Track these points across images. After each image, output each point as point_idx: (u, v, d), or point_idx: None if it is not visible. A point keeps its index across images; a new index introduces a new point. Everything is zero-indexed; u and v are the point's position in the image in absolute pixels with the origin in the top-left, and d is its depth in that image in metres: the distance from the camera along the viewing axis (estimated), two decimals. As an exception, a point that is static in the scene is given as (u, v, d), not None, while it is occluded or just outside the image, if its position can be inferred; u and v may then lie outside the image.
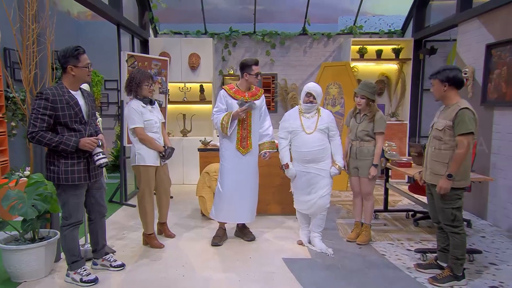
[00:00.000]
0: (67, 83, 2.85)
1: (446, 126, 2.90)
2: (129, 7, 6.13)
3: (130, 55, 5.26)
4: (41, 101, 2.70)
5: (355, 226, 3.98)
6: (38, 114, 2.69)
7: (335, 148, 3.62)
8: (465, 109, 2.83)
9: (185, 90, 6.75)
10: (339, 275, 3.15)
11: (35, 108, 2.70)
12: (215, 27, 7.02)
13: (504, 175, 4.29)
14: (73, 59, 2.80)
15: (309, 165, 3.53)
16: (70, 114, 2.78)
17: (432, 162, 3.01)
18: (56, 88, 2.80)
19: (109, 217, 4.66)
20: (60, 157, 2.80)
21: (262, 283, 3.02)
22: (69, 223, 2.91)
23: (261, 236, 4.01)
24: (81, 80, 2.91)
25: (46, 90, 2.76)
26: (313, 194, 3.55)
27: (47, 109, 2.70)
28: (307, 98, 3.56)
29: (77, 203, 2.91)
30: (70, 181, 2.82)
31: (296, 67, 7.13)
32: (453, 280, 2.95)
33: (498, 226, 4.39)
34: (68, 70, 2.81)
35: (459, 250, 2.94)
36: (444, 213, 2.96)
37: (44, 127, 2.71)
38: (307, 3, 6.71)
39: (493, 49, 4.50)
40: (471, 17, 4.93)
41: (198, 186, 4.56)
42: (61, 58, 2.81)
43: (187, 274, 3.17)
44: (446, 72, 2.91)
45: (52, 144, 2.72)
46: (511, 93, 4.17)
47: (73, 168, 2.82)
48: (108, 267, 3.22)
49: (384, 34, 7.06)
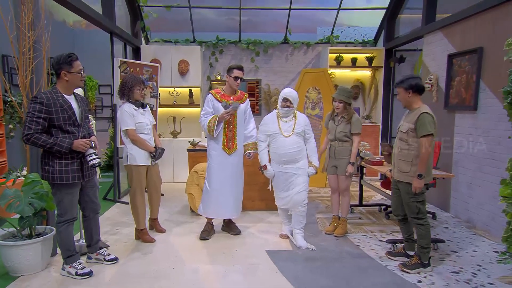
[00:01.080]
0: (61, 87, 2.82)
1: (409, 129, 3.00)
2: (122, 16, 6.06)
3: (122, 62, 5.21)
4: (36, 104, 2.67)
5: (333, 219, 4.04)
6: (33, 117, 2.66)
7: (311, 150, 3.64)
8: (425, 113, 2.94)
9: (175, 94, 6.71)
10: (318, 265, 3.19)
11: (30, 111, 2.67)
12: (203, 35, 7.01)
13: (464, 171, 4.42)
14: (67, 65, 2.77)
15: (286, 166, 3.54)
16: (64, 117, 2.75)
17: (399, 161, 3.10)
18: (50, 92, 2.76)
19: (103, 214, 4.61)
20: (54, 157, 2.77)
21: (247, 274, 3.04)
22: (64, 220, 2.88)
23: (246, 230, 4.03)
24: (74, 85, 2.87)
25: (41, 94, 2.72)
26: (290, 191, 3.56)
27: (42, 112, 2.67)
28: (284, 103, 3.55)
29: (71, 201, 2.88)
30: (65, 180, 2.80)
31: (279, 73, 7.17)
32: (420, 267, 3.05)
33: (459, 217, 4.52)
34: (61, 76, 2.79)
35: (425, 239, 3.03)
36: (409, 207, 3.06)
37: (39, 130, 2.68)
38: (288, 15, 6.77)
39: (454, 59, 4.63)
40: (435, 30, 5.06)
41: (187, 184, 4.55)
42: (55, 65, 2.78)
43: (177, 266, 3.16)
44: (409, 80, 3.02)
45: (46, 145, 2.69)
46: (470, 98, 4.30)
47: (67, 168, 2.80)
48: (102, 260, 3.19)
49: (359, 44, 7.18)
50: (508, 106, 3.27)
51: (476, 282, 2.90)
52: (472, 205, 4.29)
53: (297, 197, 3.55)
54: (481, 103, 4.14)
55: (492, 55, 3.96)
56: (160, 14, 6.61)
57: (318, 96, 6.16)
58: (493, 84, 3.94)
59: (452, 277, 2.98)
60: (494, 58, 3.91)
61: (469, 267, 3.17)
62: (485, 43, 4.08)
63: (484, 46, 4.09)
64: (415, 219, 3.06)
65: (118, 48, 5.84)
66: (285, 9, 6.69)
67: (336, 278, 2.95)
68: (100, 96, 7.86)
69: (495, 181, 3.71)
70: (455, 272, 3.08)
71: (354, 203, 4.98)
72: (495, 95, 3.90)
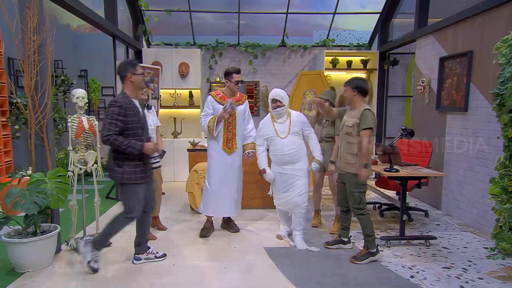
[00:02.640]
0: (129, 91, 2.93)
1: (354, 124, 3.13)
2: (124, 20, 6.07)
3: (125, 64, 5.20)
4: (115, 108, 2.77)
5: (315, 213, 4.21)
6: (113, 120, 2.76)
7: (313, 145, 3.56)
8: (368, 110, 3.09)
9: (175, 95, 6.72)
10: (314, 262, 3.21)
11: (110, 114, 2.77)
12: (203, 39, 7.02)
13: (455, 170, 4.45)
14: (131, 68, 2.91)
15: (286, 167, 3.44)
16: (135, 121, 2.87)
17: (345, 154, 3.21)
18: (124, 96, 2.87)
19: (106, 212, 4.61)
20: (124, 159, 2.86)
21: (245, 271, 3.05)
22: (131, 217, 2.94)
23: (245, 228, 4.04)
24: (138, 86, 3.00)
25: (119, 98, 2.83)
26: (290, 192, 3.46)
27: (120, 115, 2.78)
28: (274, 103, 3.47)
29: (138, 198, 2.94)
30: (132, 180, 2.87)
31: (276, 75, 7.18)
32: (370, 256, 3.16)
33: (451, 215, 4.54)
34: (128, 77, 2.90)
35: (368, 228, 3.16)
36: (353, 196, 3.18)
37: (117, 131, 2.78)
38: (285, 19, 6.78)
39: (445, 61, 4.65)
40: (427, 34, 5.09)
41: (187, 183, 4.56)
42: (121, 68, 2.91)
43: (178, 263, 3.17)
44: (356, 81, 3.21)
45: (122, 146, 2.77)
46: (460, 100, 4.33)
47: (135, 169, 2.88)
48: (153, 259, 3.19)
49: (354, 47, 7.19)
50: (497, 108, 3.30)
51: (467, 277, 2.92)
52: (463, 203, 4.31)
53: (297, 199, 3.45)
54: (471, 104, 4.16)
55: (482, 58, 3.98)
56: (161, 18, 6.62)
57: (314, 98, 6.18)
58: (482, 86, 3.96)
59: (444, 273, 3.00)
60: (484, 61, 3.93)
61: (460, 262, 3.19)
62: (475, 47, 4.10)
63: (474, 50, 4.11)
64: (356, 209, 3.18)
65: (120, 51, 5.84)
66: (282, 13, 6.70)
67: (332, 274, 2.96)
68: (103, 98, 7.84)
69: (485, 179, 3.73)
70: (447, 267, 3.10)
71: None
72: (484, 96, 3.92)
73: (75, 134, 3.37)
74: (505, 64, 3.15)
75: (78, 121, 3.40)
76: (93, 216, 3.74)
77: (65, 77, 6.34)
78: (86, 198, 3.76)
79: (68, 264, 3.12)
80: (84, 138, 3.44)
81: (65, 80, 6.30)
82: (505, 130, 3.19)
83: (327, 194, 5.57)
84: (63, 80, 6.27)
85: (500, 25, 3.71)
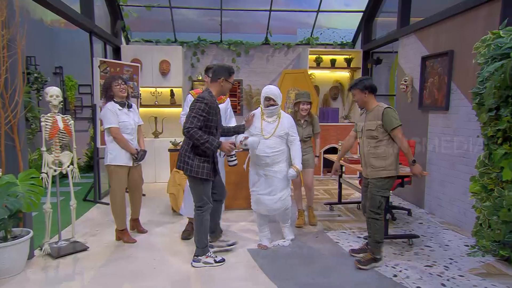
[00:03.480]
0: (214, 92, 3.08)
1: (378, 125, 3.05)
2: (101, 16, 5.93)
3: (102, 61, 5.10)
4: (202, 104, 2.91)
5: (299, 213, 4.24)
6: (197, 114, 2.90)
7: (295, 152, 3.42)
8: (388, 108, 3.06)
9: (156, 94, 6.63)
10: (297, 262, 3.22)
11: (196, 108, 2.91)
12: (185, 36, 6.95)
13: (437, 169, 4.55)
14: (227, 75, 3.08)
15: (266, 169, 3.34)
16: (214, 120, 3.02)
17: (370, 160, 3.11)
18: (210, 96, 3.01)
19: (84, 215, 4.51)
20: (195, 154, 3.00)
21: (228, 272, 3.03)
22: (206, 208, 3.07)
23: (228, 229, 4.02)
24: (224, 92, 3.22)
25: (207, 96, 2.96)
26: (273, 196, 3.36)
27: (204, 111, 2.92)
28: (267, 102, 3.34)
29: (207, 192, 3.09)
30: (200, 175, 3.00)
31: (260, 73, 7.18)
32: (373, 262, 3.13)
33: (433, 213, 4.65)
34: (220, 81, 3.06)
35: (379, 234, 3.12)
36: (374, 200, 3.10)
37: (199, 125, 2.91)
38: (268, 16, 6.79)
39: (427, 61, 4.75)
40: (409, 33, 5.19)
41: (168, 184, 4.50)
42: (218, 71, 3.07)
43: (158, 266, 3.12)
44: (363, 82, 3.12)
45: (200, 140, 2.90)
46: (442, 99, 4.43)
47: (204, 165, 3.01)
48: (224, 247, 3.38)
49: (337, 45, 7.27)
50: (476, 107, 3.39)
51: (448, 274, 2.99)
52: (444, 201, 4.42)
53: (279, 204, 3.39)
54: (452, 103, 4.27)
55: (462, 58, 4.09)
56: (141, 14, 6.51)
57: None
58: (463, 85, 4.07)
59: (426, 271, 3.06)
60: (464, 60, 4.04)
61: (442, 260, 3.27)
62: (456, 46, 4.21)
63: (455, 49, 4.22)
64: (373, 213, 3.11)
65: (97, 48, 5.71)
66: (265, 11, 6.71)
67: (315, 275, 2.98)
68: (79, 96, 7.66)
69: (466, 178, 3.83)
70: (429, 265, 3.17)
71: (334, 201, 5.05)
72: (465, 96, 4.03)
73: (49, 134, 3.28)
74: (484, 64, 3.24)
75: (52, 120, 3.31)
76: (69, 220, 3.64)
77: (38, 74, 6.15)
78: (61, 201, 3.66)
79: (42, 270, 3.03)
80: (59, 138, 3.35)
81: (39, 78, 6.12)
82: (485, 129, 3.28)
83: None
84: (37, 77, 6.08)
85: (479, 25, 3.82)
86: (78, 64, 7.00)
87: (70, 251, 3.34)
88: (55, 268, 3.07)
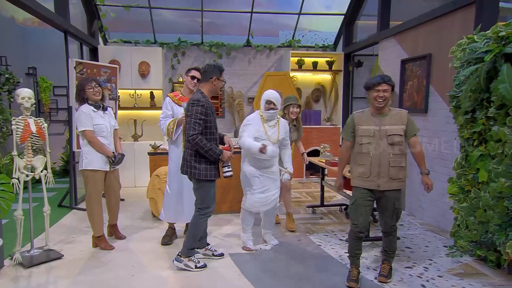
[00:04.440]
0: (206, 91, 3.07)
1: (403, 130, 2.84)
2: (77, 15, 5.80)
3: (78, 62, 4.99)
4: (198, 107, 2.91)
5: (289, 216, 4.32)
6: (197, 119, 2.91)
7: (287, 157, 3.66)
8: (408, 113, 2.97)
9: (135, 96, 6.53)
10: (280, 266, 3.23)
11: (194, 113, 2.91)
12: (165, 37, 6.88)
13: (418, 171, 4.62)
14: (219, 73, 3.08)
15: (263, 170, 3.46)
16: (212, 120, 3.05)
17: (391, 169, 2.80)
18: (203, 96, 3.00)
19: (59, 221, 4.38)
20: (202, 157, 3.01)
21: (209, 278, 3.01)
22: (208, 212, 3.10)
23: (210, 234, 3.98)
24: (215, 92, 3.20)
25: (200, 97, 2.95)
26: (268, 193, 3.50)
27: (203, 114, 2.93)
28: (268, 105, 3.42)
29: (213, 194, 3.12)
30: (208, 177, 3.03)
31: (242, 76, 7.19)
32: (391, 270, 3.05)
33: (414, 215, 4.76)
34: (212, 80, 3.06)
35: (396, 243, 3.03)
36: (397, 214, 2.91)
37: (201, 130, 2.94)
38: (250, 18, 6.81)
39: (406, 64, 4.88)
40: (389, 36, 5.31)
41: (148, 188, 4.43)
42: (209, 70, 3.06)
43: (137, 273, 3.07)
44: (391, 80, 2.88)
45: (205, 148, 2.94)
46: (421, 101, 4.55)
47: (210, 166, 3.05)
48: (210, 256, 3.35)
49: (319, 48, 7.36)
50: (454, 109, 3.50)
51: (428, 275, 3.07)
52: (425, 202, 4.53)
53: (273, 203, 3.54)
54: (431, 106, 4.39)
55: (440, 61, 4.21)
56: (119, 14, 6.40)
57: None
58: (440, 88, 4.19)
59: (406, 272, 3.13)
60: (441, 64, 4.17)
61: (422, 262, 3.34)
62: (433, 50, 4.34)
63: (433, 53, 4.35)
64: (395, 226, 2.93)
65: (73, 48, 5.58)
66: (247, 12, 6.73)
67: (298, 279, 2.99)
68: (54, 98, 7.46)
69: (445, 179, 3.94)
70: (409, 267, 3.24)
71: (316, 204, 5.10)
72: (442, 98, 4.15)
73: (21, 137, 3.18)
74: (460, 67, 3.35)
75: (24, 123, 3.21)
76: (42, 227, 3.53)
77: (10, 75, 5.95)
78: (34, 208, 3.55)
79: (12, 280, 2.92)
80: (31, 142, 3.25)
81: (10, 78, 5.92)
82: (461, 131, 3.39)
83: (294, 197, 5.65)
84: (8, 78, 5.87)
85: (455, 30, 3.95)
86: (53, 65, 6.83)
87: (43, 259, 3.24)
88: (27, 278, 2.97)
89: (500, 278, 3.02)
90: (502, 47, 2.86)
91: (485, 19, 3.50)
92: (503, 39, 2.89)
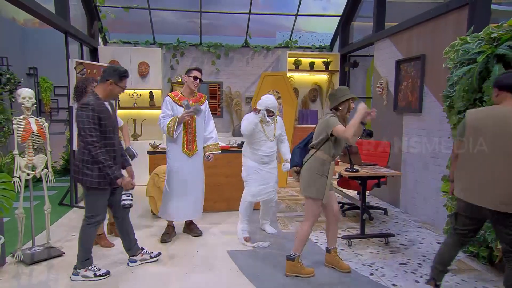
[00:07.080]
0: (101, 94, 2.83)
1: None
2: (78, 16, 5.79)
3: (78, 63, 4.97)
4: (88, 112, 2.68)
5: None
6: (90, 125, 2.68)
7: (285, 149, 3.83)
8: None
9: (135, 96, 6.53)
10: (276, 263, 3.24)
11: (84, 119, 2.67)
12: (164, 37, 6.88)
13: (412, 169, 4.69)
14: (117, 79, 2.83)
15: (263, 165, 3.69)
16: (108, 124, 2.80)
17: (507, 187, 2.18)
18: (96, 99, 2.77)
19: (59, 220, 4.38)
20: (96, 164, 2.77)
21: (207, 275, 3.01)
22: (95, 221, 2.89)
23: (208, 231, 4.00)
24: (112, 96, 2.91)
25: (91, 101, 2.72)
26: (266, 185, 3.72)
27: (95, 118, 2.70)
28: (268, 113, 3.60)
29: (104, 203, 2.93)
30: (102, 185, 2.82)
31: (240, 76, 7.19)
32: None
33: (408, 213, 4.78)
34: (107, 83, 2.82)
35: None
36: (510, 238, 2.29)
37: (98, 135, 2.72)
38: (248, 19, 6.81)
39: (401, 64, 4.89)
40: (384, 37, 5.33)
41: (148, 187, 4.44)
42: (108, 72, 2.83)
43: (136, 270, 3.08)
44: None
45: (102, 163, 2.72)
46: (415, 101, 4.57)
47: (103, 174, 2.80)
48: (148, 259, 3.20)
49: (316, 49, 7.37)
50: (447, 109, 3.52)
51: (421, 272, 3.09)
52: (419, 200, 4.56)
53: (271, 192, 3.76)
54: (425, 106, 4.41)
55: (433, 62, 4.23)
56: (119, 15, 6.39)
57: (278, 99, 6.25)
58: (434, 88, 4.21)
59: (401, 268, 3.15)
60: (435, 65, 4.18)
61: (416, 258, 3.36)
62: (427, 51, 4.35)
63: (427, 54, 4.36)
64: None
65: (74, 49, 5.57)
66: (245, 14, 6.73)
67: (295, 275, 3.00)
68: (55, 98, 7.44)
69: (438, 178, 3.96)
70: (404, 263, 3.25)
71: (313, 202, 5.10)
72: (436, 99, 4.17)
73: (22, 137, 3.17)
74: (453, 68, 3.37)
75: (25, 123, 3.20)
76: (43, 225, 3.53)
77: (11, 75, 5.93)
78: (35, 206, 3.54)
79: (14, 278, 2.93)
80: (32, 141, 3.24)
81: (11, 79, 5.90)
82: (454, 130, 3.41)
83: (291, 195, 5.67)
84: (9, 78, 5.86)
85: (449, 31, 3.97)
86: (54, 65, 6.81)
87: (44, 257, 3.24)
88: (28, 275, 2.97)
89: (491, 274, 3.05)
90: (494, 48, 2.88)
91: (478, 21, 3.52)
92: (495, 40, 2.91)
